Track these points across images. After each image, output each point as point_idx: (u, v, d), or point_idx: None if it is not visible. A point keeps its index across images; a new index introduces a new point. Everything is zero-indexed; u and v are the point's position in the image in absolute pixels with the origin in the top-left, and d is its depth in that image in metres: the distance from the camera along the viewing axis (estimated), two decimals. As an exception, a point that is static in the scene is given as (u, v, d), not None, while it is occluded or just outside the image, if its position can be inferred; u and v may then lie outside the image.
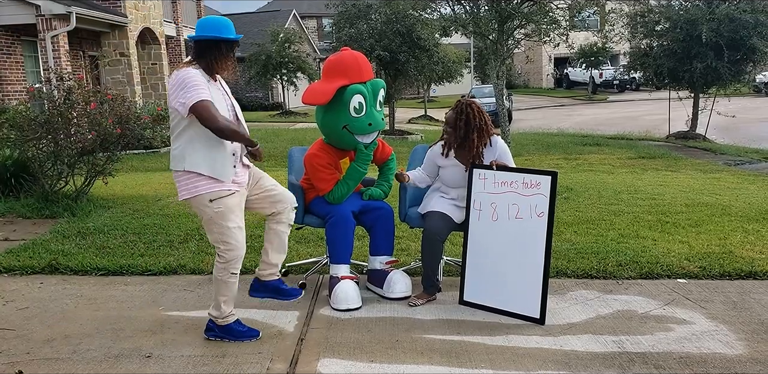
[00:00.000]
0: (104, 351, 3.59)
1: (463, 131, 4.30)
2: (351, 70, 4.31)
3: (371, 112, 4.35)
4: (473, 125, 4.28)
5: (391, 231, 4.55)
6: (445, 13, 13.64)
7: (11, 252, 5.46)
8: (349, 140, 4.40)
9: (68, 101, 7.13)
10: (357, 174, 4.45)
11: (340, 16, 17.33)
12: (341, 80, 4.26)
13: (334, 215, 4.35)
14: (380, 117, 4.46)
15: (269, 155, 12.99)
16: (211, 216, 3.54)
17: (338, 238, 4.34)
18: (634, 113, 26.64)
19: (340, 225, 4.33)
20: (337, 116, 4.32)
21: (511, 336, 3.78)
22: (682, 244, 5.57)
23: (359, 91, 4.27)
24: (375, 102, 4.39)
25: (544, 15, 9.76)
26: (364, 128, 4.35)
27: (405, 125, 23.06)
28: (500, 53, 9.75)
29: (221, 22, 3.53)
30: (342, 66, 4.34)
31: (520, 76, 47.82)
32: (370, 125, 4.36)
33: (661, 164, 11.62)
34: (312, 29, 41.26)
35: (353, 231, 4.40)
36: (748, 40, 14.77)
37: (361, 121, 4.32)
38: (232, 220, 3.55)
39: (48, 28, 13.49)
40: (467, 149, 4.35)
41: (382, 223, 4.52)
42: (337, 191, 4.43)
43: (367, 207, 4.53)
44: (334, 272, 4.35)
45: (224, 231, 3.55)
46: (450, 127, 4.37)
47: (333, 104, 4.28)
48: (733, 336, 3.77)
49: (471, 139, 4.30)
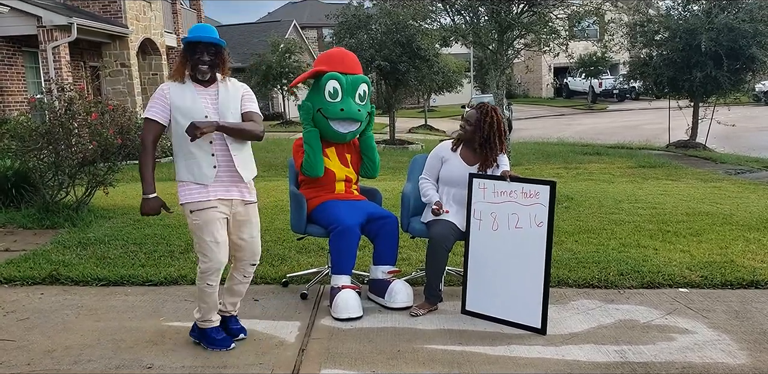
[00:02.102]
0: (105, 362, 3.58)
1: (487, 133, 4.34)
2: (333, 60, 4.65)
3: (347, 100, 4.52)
4: (496, 129, 4.34)
5: (395, 241, 4.55)
6: (445, 24, 13.69)
7: (12, 263, 5.46)
8: (324, 126, 4.55)
9: (69, 112, 7.14)
10: (307, 135, 4.55)
11: (340, 26, 17.39)
12: (321, 67, 4.57)
13: (339, 225, 4.34)
14: (356, 108, 4.54)
15: (269, 165, 13.00)
16: (191, 226, 3.65)
17: (342, 249, 4.33)
18: (634, 122, 26.69)
19: (345, 236, 4.32)
20: (314, 99, 4.57)
21: (513, 346, 3.77)
22: (684, 253, 5.57)
23: (334, 77, 4.50)
24: (353, 93, 4.55)
25: (543, 25, 9.81)
26: (336, 113, 4.50)
27: (405, 134, 23.08)
28: (500, 63, 9.78)
29: (199, 27, 3.66)
30: (326, 56, 4.73)
31: (520, 85, 47.89)
32: (342, 110, 4.48)
33: (662, 173, 11.62)
34: (312, 39, 41.40)
35: (357, 243, 4.40)
36: (747, 49, 14.81)
37: (334, 105, 4.50)
38: (208, 233, 3.58)
39: (49, 39, 13.55)
40: (483, 151, 4.37)
41: (386, 232, 4.51)
42: (304, 160, 4.52)
43: (372, 217, 4.52)
44: (335, 282, 4.34)
45: (201, 243, 3.61)
46: (470, 125, 4.39)
47: (313, 88, 4.62)
48: (736, 345, 3.76)
49: (492, 142, 4.34)
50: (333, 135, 4.59)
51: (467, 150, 4.46)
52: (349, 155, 4.74)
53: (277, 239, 6.19)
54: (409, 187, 4.78)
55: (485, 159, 4.37)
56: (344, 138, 4.64)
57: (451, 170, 4.45)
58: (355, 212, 4.46)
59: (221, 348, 3.72)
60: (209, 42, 3.58)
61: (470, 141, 4.42)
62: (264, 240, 6.12)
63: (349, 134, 4.61)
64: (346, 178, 4.68)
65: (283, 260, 5.44)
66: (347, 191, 4.68)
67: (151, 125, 3.64)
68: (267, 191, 9.25)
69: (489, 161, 4.36)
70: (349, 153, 4.74)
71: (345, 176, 4.67)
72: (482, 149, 4.38)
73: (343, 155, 4.70)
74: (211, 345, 3.74)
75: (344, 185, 4.67)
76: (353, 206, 4.52)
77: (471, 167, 4.41)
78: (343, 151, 4.71)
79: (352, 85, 4.54)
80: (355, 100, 4.56)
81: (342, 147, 4.71)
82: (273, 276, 5.03)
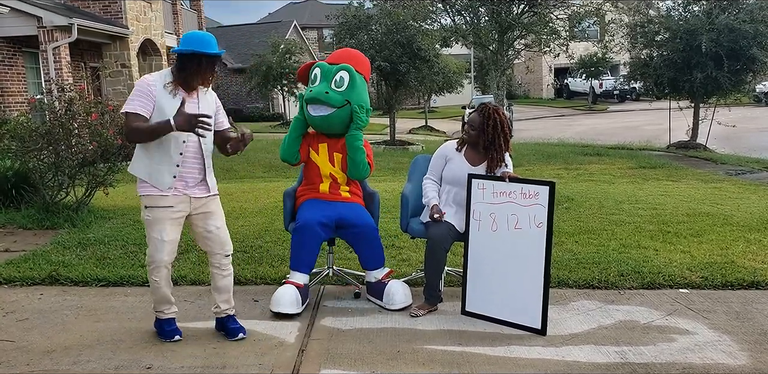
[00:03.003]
0: (104, 363, 3.57)
1: (491, 136, 4.33)
2: (334, 54, 4.80)
3: (321, 84, 4.56)
4: (500, 130, 4.33)
5: (376, 246, 4.52)
6: (445, 24, 13.73)
7: (11, 263, 5.45)
8: (304, 111, 4.60)
9: (69, 112, 7.14)
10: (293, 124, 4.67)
11: (340, 27, 17.40)
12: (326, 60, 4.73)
13: (299, 221, 4.38)
14: (324, 91, 4.49)
15: (270, 166, 13.01)
16: (143, 219, 3.74)
17: (295, 244, 4.36)
18: (635, 122, 26.68)
19: (301, 232, 4.33)
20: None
21: (513, 347, 3.77)
22: (684, 254, 5.56)
23: (318, 66, 4.63)
24: (330, 79, 4.55)
25: (544, 25, 9.83)
26: (307, 94, 4.56)
27: (405, 135, 23.08)
28: (500, 64, 9.80)
29: (204, 38, 3.61)
30: (337, 52, 4.84)
31: (520, 86, 47.91)
32: (310, 91, 4.55)
33: (662, 174, 11.61)
34: (313, 40, 41.41)
35: (317, 241, 4.38)
36: (747, 50, 14.81)
37: (308, 89, 4.61)
38: (156, 231, 3.69)
39: (49, 40, 13.55)
40: (489, 153, 4.37)
41: (362, 240, 4.49)
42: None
43: (344, 222, 4.47)
44: (288, 276, 4.44)
45: (148, 238, 3.73)
46: (474, 129, 4.38)
47: None
48: (736, 346, 3.75)
49: (498, 144, 4.33)
50: (309, 120, 4.61)
51: (472, 151, 4.46)
52: (339, 155, 4.65)
53: (277, 239, 6.18)
54: (409, 187, 4.78)
55: (492, 160, 4.36)
56: (314, 123, 4.59)
57: (454, 170, 4.44)
58: (322, 212, 4.43)
59: (165, 338, 3.86)
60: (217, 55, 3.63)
61: (475, 144, 4.42)
62: (264, 241, 6.17)
63: (317, 119, 4.53)
64: (331, 176, 4.61)
65: (283, 261, 5.43)
66: (332, 192, 4.62)
67: (135, 118, 3.54)
68: (267, 191, 9.25)
69: (495, 162, 4.35)
70: (340, 153, 4.66)
71: (329, 173, 4.61)
72: (488, 152, 4.38)
73: (332, 153, 4.65)
74: (159, 334, 3.92)
75: (329, 185, 4.62)
76: (326, 206, 4.50)
77: (474, 167, 4.40)
78: (334, 149, 4.65)
79: (331, 72, 4.55)
80: (331, 85, 4.52)
81: (335, 145, 4.64)
82: (273, 277, 5.02)
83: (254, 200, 8.58)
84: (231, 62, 31.82)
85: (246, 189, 9.65)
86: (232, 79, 31.86)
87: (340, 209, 4.51)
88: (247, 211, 7.72)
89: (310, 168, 4.67)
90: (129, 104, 3.56)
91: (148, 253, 3.74)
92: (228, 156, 3.94)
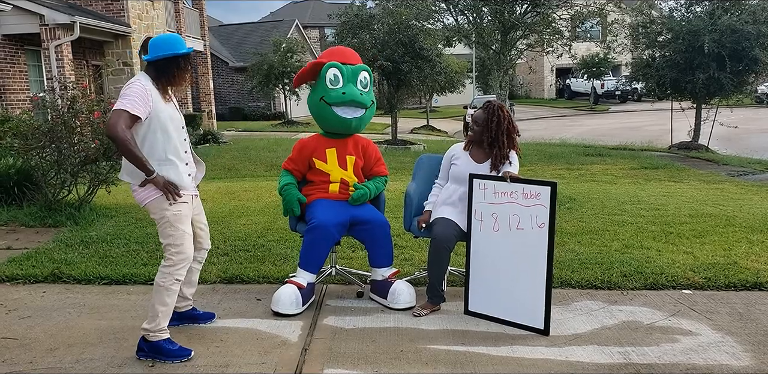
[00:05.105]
0: (107, 361, 3.57)
1: (495, 132, 4.33)
2: (334, 54, 4.68)
3: (348, 85, 4.51)
4: (504, 127, 4.33)
5: (387, 244, 4.52)
6: (448, 24, 13.71)
7: (14, 261, 5.45)
8: (328, 114, 4.52)
9: (72, 110, 7.15)
10: (284, 193, 4.54)
11: (342, 26, 17.39)
12: (322, 60, 4.61)
13: (314, 221, 4.34)
14: (359, 93, 4.52)
15: (271, 165, 13.00)
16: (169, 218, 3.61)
17: (308, 244, 4.33)
18: (636, 123, 26.68)
19: (316, 233, 4.30)
20: (317, 90, 4.57)
21: (516, 347, 3.76)
22: (687, 255, 5.55)
23: (334, 66, 4.51)
24: (354, 80, 4.55)
25: (547, 25, 9.82)
26: (339, 97, 4.47)
27: (407, 135, 23.09)
28: (503, 64, 9.78)
29: (174, 39, 3.62)
30: (326, 52, 4.79)
31: (522, 86, 47.93)
32: (344, 93, 4.47)
33: (664, 175, 11.61)
34: (314, 39, 41.39)
35: (330, 243, 4.37)
36: (750, 51, 14.80)
37: (336, 90, 4.50)
38: (185, 225, 3.68)
39: (52, 38, 13.54)
40: (493, 149, 4.37)
41: (374, 236, 4.48)
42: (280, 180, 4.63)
43: (358, 219, 4.46)
44: (293, 274, 4.44)
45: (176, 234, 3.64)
46: (478, 126, 4.39)
47: (315, 83, 4.61)
48: (740, 347, 3.75)
49: (501, 140, 4.34)
50: (338, 123, 4.52)
51: (477, 149, 4.47)
52: (352, 158, 4.61)
53: (279, 238, 6.18)
54: (412, 186, 4.77)
55: (495, 157, 4.36)
56: (349, 126, 4.54)
57: (460, 168, 4.45)
58: (336, 212, 4.41)
59: (182, 358, 3.56)
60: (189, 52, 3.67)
61: (480, 141, 4.43)
62: (266, 239, 6.17)
63: (353, 121, 4.52)
64: (342, 180, 4.56)
65: (286, 260, 5.43)
66: (341, 192, 4.59)
67: (129, 119, 3.40)
68: (269, 190, 9.25)
69: (499, 159, 4.35)
70: (353, 155, 4.62)
71: (341, 178, 4.56)
72: (491, 148, 4.38)
73: (343, 156, 4.59)
74: (169, 358, 3.55)
75: (339, 186, 4.57)
76: (339, 206, 4.48)
77: (479, 164, 4.40)
78: (345, 152, 4.60)
79: (353, 73, 4.53)
80: (357, 86, 4.53)
81: (344, 147, 4.60)
82: (275, 276, 5.02)
83: (256, 199, 8.58)
84: (232, 61, 31.85)
85: (248, 188, 9.65)
86: (234, 78, 31.88)
87: (352, 209, 4.51)
88: (249, 210, 7.72)
89: (317, 175, 4.61)
90: (130, 103, 3.39)
91: (179, 250, 3.60)
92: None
